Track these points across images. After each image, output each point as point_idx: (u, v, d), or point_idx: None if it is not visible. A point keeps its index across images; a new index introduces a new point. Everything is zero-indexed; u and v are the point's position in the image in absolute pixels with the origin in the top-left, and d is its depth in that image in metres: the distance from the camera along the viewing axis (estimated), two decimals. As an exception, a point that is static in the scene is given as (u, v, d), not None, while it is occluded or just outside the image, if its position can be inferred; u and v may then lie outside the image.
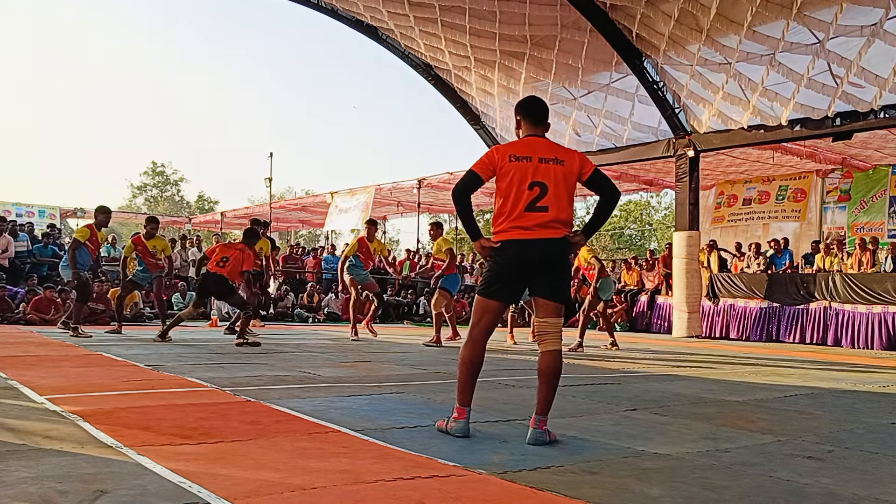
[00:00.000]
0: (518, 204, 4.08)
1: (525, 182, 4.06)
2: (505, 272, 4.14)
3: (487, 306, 4.21)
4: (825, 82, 13.44)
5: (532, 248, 4.07)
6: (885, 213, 18.75)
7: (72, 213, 27.97)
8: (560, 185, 4.10)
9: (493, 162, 4.16)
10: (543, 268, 4.10)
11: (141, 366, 7.09)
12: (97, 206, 11.42)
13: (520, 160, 4.09)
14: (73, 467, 3.18)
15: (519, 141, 4.26)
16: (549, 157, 4.12)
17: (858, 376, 8.32)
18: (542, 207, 4.06)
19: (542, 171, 4.07)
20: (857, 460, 3.90)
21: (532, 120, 4.28)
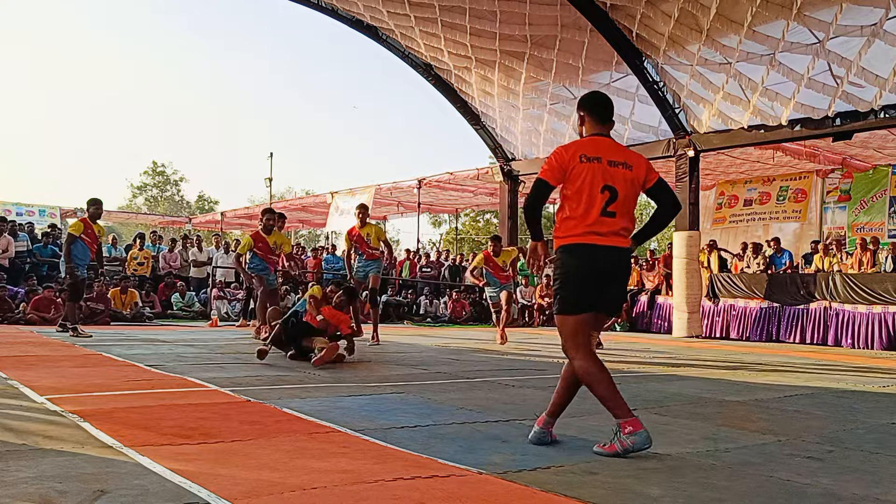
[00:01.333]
0: (592, 207, 3.85)
1: (597, 185, 3.85)
2: (581, 277, 3.88)
3: (579, 322, 3.92)
4: (825, 82, 13.43)
5: (606, 255, 3.86)
6: (886, 213, 18.75)
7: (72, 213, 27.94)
8: (629, 191, 3.91)
9: (563, 164, 3.90)
10: (612, 279, 3.92)
11: (141, 366, 7.10)
12: (88, 199, 11.11)
13: (591, 161, 3.87)
14: (73, 467, 3.19)
15: (586, 140, 4.01)
16: (618, 160, 3.92)
17: (858, 376, 8.32)
18: (611, 213, 3.86)
19: (612, 175, 3.87)
20: (857, 460, 3.90)
21: (598, 117, 4.08)
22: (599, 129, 4.05)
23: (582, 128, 4.13)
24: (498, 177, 20.48)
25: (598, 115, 4.07)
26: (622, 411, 3.80)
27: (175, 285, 17.42)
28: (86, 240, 10.83)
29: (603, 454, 3.79)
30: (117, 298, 15.02)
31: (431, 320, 18.49)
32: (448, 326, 17.47)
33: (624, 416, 3.78)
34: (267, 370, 7.15)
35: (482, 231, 43.95)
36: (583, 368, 3.91)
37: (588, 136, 4.04)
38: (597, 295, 3.89)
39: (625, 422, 3.76)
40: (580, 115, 4.14)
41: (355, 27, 18.24)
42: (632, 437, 3.72)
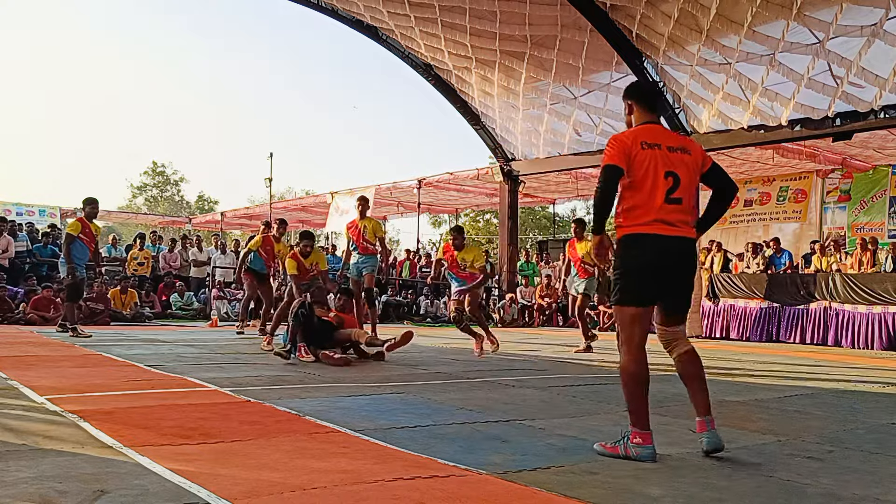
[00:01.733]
0: (655, 194, 3.75)
1: (660, 171, 3.76)
2: (646, 269, 3.79)
3: (636, 314, 3.84)
4: (825, 82, 13.43)
5: (676, 246, 3.79)
6: (886, 214, 18.76)
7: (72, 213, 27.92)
8: (692, 176, 3.86)
9: (626, 149, 3.78)
10: (679, 271, 3.85)
11: (141, 366, 7.10)
12: (84, 198, 11.08)
13: (651, 147, 3.79)
14: (73, 467, 3.19)
15: (642, 128, 3.91)
16: (675, 145, 3.86)
17: (858, 376, 8.32)
18: (677, 199, 3.77)
19: (673, 161, 3.80)
20: (857, 460, 3.90)
21: (647, 106, 3.99)
22: (649, 117, 3.97)
23: (630, 117, 4.04)
24: (498, 177, 20.48)
25: (647, 103, 4.00)
26: (640, 422, 3.77)
27: (174, 285, 17.41)
28: (84, 239, 10.83)
29: (603, 453, 3.79)
30: (117, 298, 15.02)
31: (431, 320, 18.49)
32: (448, 327, 17.45)
33: (639, 427, 3.77)
34: (267, 370, 7.15)
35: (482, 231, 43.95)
36: (624, 365, 3.88)
37: (641, 125, 3.95)
38: (659, 288, 3.82)
39: (638, 432, 3.76)
40: (628, 104, 4.05)
41: (355, 27, 18.24)
42: (638, 448, 3.73)
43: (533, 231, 43.16)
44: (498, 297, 20.08)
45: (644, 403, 3.81)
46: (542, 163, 19.43)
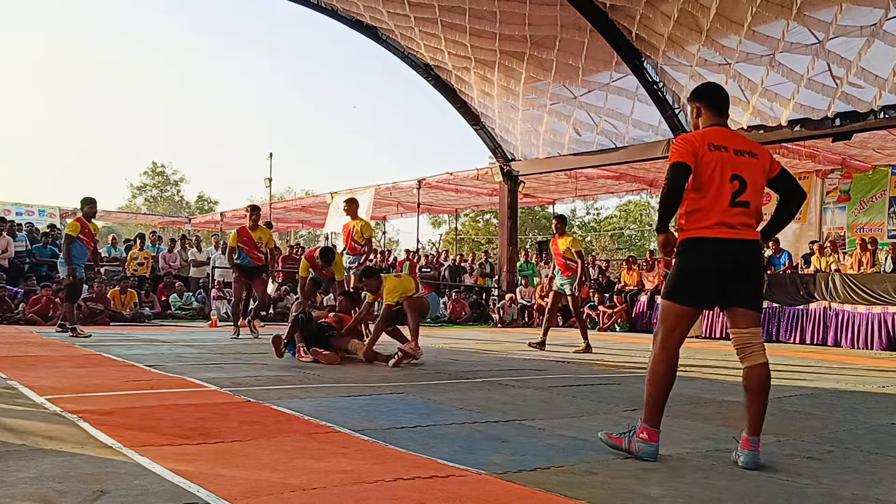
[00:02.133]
0: (721, 198, 3.71)
1: (726, 174, 3.72)
2: (704, 272, 3.75)
3: (682, 313, 3.81)
4: (825, 83, 13.43)
5: (737, 249, 3.73)
6: (885, 214, 18.77)
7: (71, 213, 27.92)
8: (757, 180, 3.79)
9: (693, 149, 3.74)
10: (746, 273, 3.77)
11: (141, 366, 7.09)
12: (82, 198, 11.12)
13: (719, 149, 3.75)
14: (73, 467, 3.18)
15: (710, 129, 3.87)
16: (743, 149, 3.81)
17: (858, 376, 8.32)
18: (743, 203, 3.73)
19: (740, 164, 3.75)
20: (856, 461, 3.91)
21: (716, 109, 3.94)
22: (717, 119, 3.93)
23: (698, 119, 3.99)
24: (497, 177, 20.48)
25: (715, 106, 3.95)
26: (652, 418, 3.78)
27: (174, 286, 17.41)
28: (83, 239, 10.85)
29: (607, 441, 3.85)
30: (117, 299, 15.02)
31: (431, 321, 18.48)
32: (448, 326, 17.47)
33: (649, 423, 3.77)
34: (266, 370, 7.15)
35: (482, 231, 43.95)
36: (655, 360, 3.84)
37: (709, 127, 3.90)
38: (717, 292, 3.77)
39: (645, 427, 3.77)
40: (695, 106, 4.00)
41: (355, 27, 18.24)
42: (642, 444, 3.75)
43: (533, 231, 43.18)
44: (497, 297, 20.08)
45: (662, 402, 3.81)
46: (542, 163, 19.43)
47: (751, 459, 3.66)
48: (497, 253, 22.33)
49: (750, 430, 3.73)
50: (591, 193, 24.89)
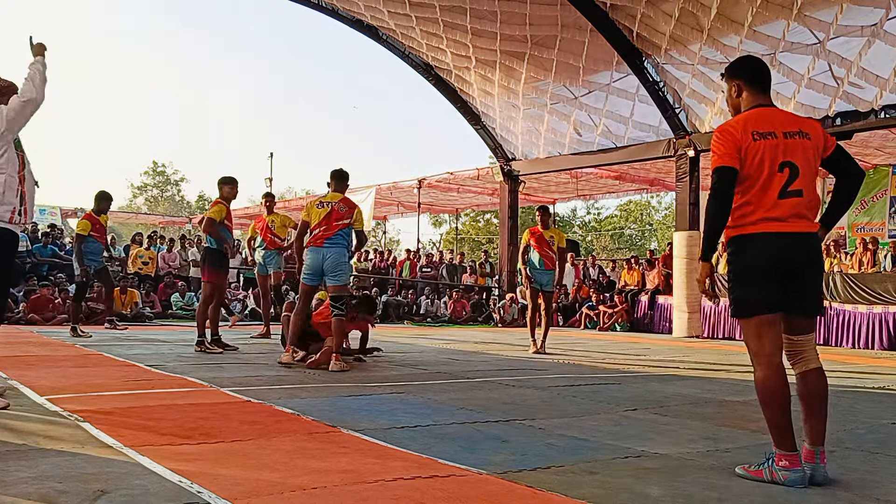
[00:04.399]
0: (769, 190, 3.35)
1: (775, 163, 3.35)
2: (762, 275, 3.38)
3: (763, 323, 3.41)
4: (826, 82, 13.44)
5: (791, 243, 3.36)
6: (886, 214, 18.76)
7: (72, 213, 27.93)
8: (811, 164, 3.41)
9: (736, 143, 3.38)
10: (805, 271, 3.41)
11: (141, 366, 7.10)
12: (98, 192, 11.19)
13: (765, 137, 3.37)
14: (74, 467, 3.19)
15: (753, 113, 3.47)
16: (793, 129, 3.41)
17: (858, 376, 8.32)
18: (795, 192, 3.35)
19: (791, 148, 3.37)
20: (857, 461, 3.91)
21: (760, 87, 3.53)
22: (762, 99, 3.53)
23: (739, 100, 3.58)
24: (498, 177, 20.48)
25: (758, 83, 3.54)
26: (784, 443, 3.37)
27: (175, 285, 17.40)
28: (95, 235, 10.88)
29: (746, 476, 3.42)
30: (117, 298, 14.99)
31: (431, 320, 18.49)
32: (448, 326, 17.47)
33: (783, 448, 3.36)
34: (267, 370, 7.15)
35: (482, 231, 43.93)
36: (760, 381, 3.45)
37: (752, 109, 3.50)
38: (782, 292, 3.38)
39: (783, 454, 3.36)
40: (734, 84, 3.59)
41: (355, 27, 18.24)
42: (785, 472, 3.33)
43: (533, 231, 43.05)
44: (498, 296, 20.08)
45: (785, 422, 3.38)
46: (543, 163, 19.42)
47: (820, 474, 3.38)
48: (497, 253, 22.33)
49: (813, 440, 3.45)
50: (592, 193, 24.90)
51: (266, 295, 11.75)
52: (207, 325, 8.99)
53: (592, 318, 17.88)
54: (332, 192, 7.93)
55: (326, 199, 7.83)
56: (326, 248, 7.62)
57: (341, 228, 7.69)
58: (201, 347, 8.76)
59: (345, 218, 7.68)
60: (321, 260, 7.62)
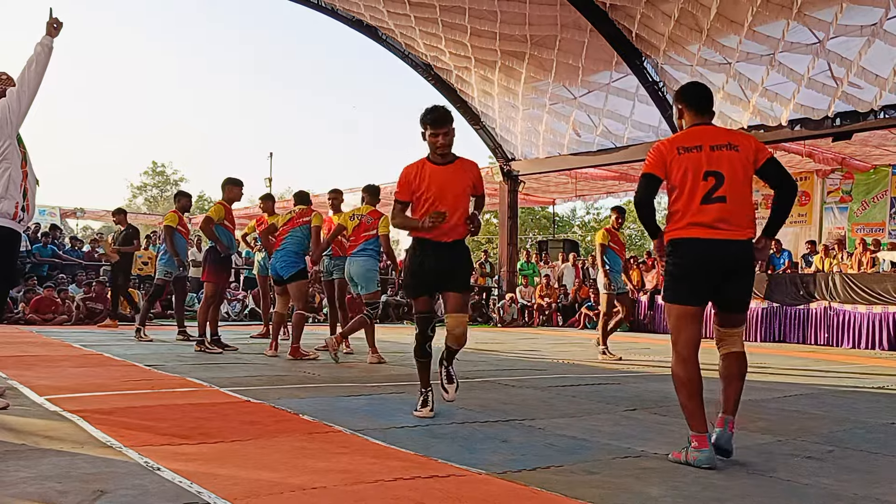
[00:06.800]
0: (694, 197, 3.74)
1: (699, 173, 3.73)
2: (687, 273, 3.79)
3: (681, 314, 3.85)
4: (825, 82, 13.44)
5: (717, 249, 3.73)
6: (887, 214, 18.76)
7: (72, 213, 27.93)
8: (738, 173, 3.74)
9: (662, 156, 3.84)
10: (732, 273, 3.78)
11: (140, 366, 7.10)
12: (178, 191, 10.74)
13: (689, 151, 3.78)
14: (73, 467, 3.19)
15: (685, 132, 3.92)
16: (721, 143, 3.78)
17: (858, 376, 8.32)
18: (718, 198, 3.71)
19: (716, 159, 3.74)
20: (856, 460, 3.91)
21: (696, 109, 3.94)
22: (699, 119, 3.93)
23: (681, 121, 4.03)
24: (497, 177, 20.47)
25: (695, 106, 3.94)
26: (694, 424, 3.72)
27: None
28: (182, 231, 10.60)
29: (674, 460, 3.73)
30: (116, 298, 14.98)
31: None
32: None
33: (694, 430, 3.71)
34: (267, 370, 7.15)
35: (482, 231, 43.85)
36: (673, 369, 3.87)
37: (689, 128, 3.93)
38: (703, 291, 3.81)
39: (693, 435, 3.70)
40: (678, 108, 4.02)
41: (355, 27, 18.23)
42: (695, 452, 3.65)
43: (533, 231, 43.14)
44: (498, 296, 20.08)
45: (694, 406, 3.75)
46: (542, 163, 19.42)
47: (723, 437, 3.74)
48: (497, 252, 22.32)
49: (725, 409, 3.85)
50: (591, 193, 24.88)
51: (266, 295, 11.64)
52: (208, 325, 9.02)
53: (592, 318, 17.86)
54: (365, 204, 8.61)
55: (358, 211, 8.50)
56: (353, 257, 8.20)
57: (368, 239, 8.20)
58: (201, 347, 8.79)
59: (371, 228, 8.21)
60: (349, 269, 8.24)
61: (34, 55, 4.82)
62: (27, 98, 4.76)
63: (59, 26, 5.00)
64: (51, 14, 4.99)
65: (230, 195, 9.29)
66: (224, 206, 9.16)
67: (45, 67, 4.86)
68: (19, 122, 4.76)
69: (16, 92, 4.72)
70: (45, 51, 4.86)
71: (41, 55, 4.83)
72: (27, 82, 4.75)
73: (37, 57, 4.81)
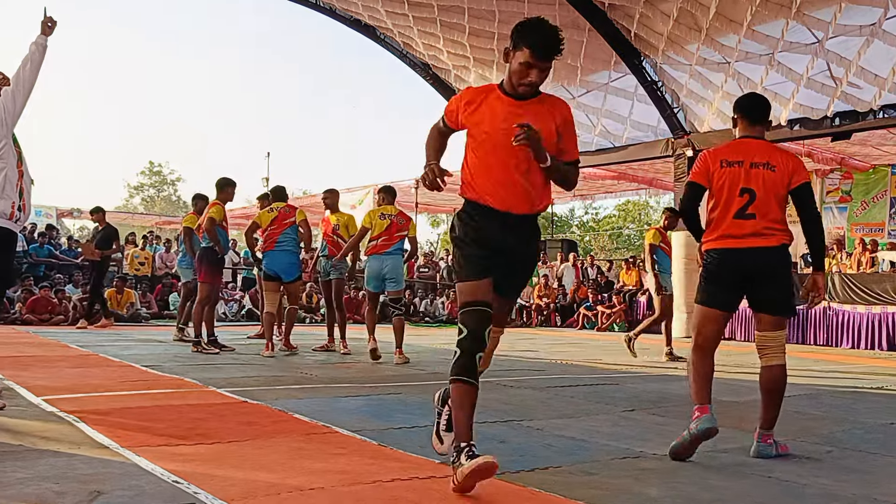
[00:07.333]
0: (728, 211, 3.95)
1: (736, 188, 3.93)
2: (716, 280, 4.03)
3: (705, 314, 4.12)
4: (824, 82, 13.45)
5: (744, 257, 3.93)
6: (886, 214, 18.78)
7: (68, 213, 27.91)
8: (768, 192, 3.91)
9: (707, 167, 4.04)
10: (761, 278, 3.96)
11: (137, 366, 7.08)
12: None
13: (731, 165, 3.96)
14: (70, 468, 3.17)
15: (732, 143, 4.10)
16: (760, 161, 3.94)
17: (858, 376, 8.32)
18: (749, 215, 3.91)
19: (752, 177, 3.91)
20: (855, 461, 3.90)
21: (748, 119, 4.09)
22: (749, 131, 4.08)
23: (735, 130, 4.17)
24: (496, 176, 20.44)
25: (748, 117, 4.09)
26: (697, 397, 3.96)
27: (174, 285, 17.36)
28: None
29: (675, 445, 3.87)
30: (113, 298, 14.96)
31: (430, 319, 18.48)
32: (446, 326, 17.46)
33: (696, 402, 3.94)
34: (264, 370, 7.14)
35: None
36: (690, 354, 4.13)
37: (736, 140, 4.11)
38: (733, 297, 4.05)
39: (696, 407, 3.92)
40: (734, 117, 4.16)
41: (353, 27, 18.25)
42: (695, 422, 3.82)
43: (530, 230, 43.02)
44: (496, 296, 20.03)
45: (700, 386, 3.99)
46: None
47: (756, 449, 3.95)
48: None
49: (762, 425, 4.02)
50: (590, 193, 24.87)
51: None
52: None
53: (590, 318, 17.88)
54: (388, 205, 8.69)
55: (387, 211, 8.55)
56: (386, 256, 8.36)
57: (400, 239, 8.50)
58: (198, 348, 8.77)
59: (403, 230, 8.49)
60: (382, 267, 8.36)
61: (29, 54, 4.80)
62: (22, 97, 4.74)
63: (53, 25, 4.99)
64: (45, 13, 4.98)
65: (227, 195, 9.27)
66: (222, 206, 9.14)
67: (40, 66, 4.84)
68: (14, 121, 4.74)
69: (11, 91, 4.70)
70: (39, 50, 4.84)
71: (35, 54, 4.81)
72: (22, 81, 4.74)
73: (31, 56, 4.80)
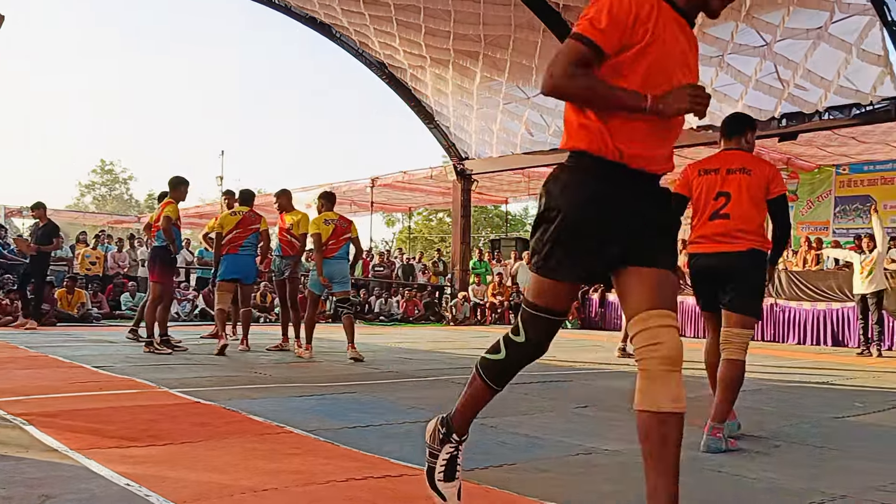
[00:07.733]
0: (705, 214, 4.27)
1: (712, 193, 4.25)
2: (697, 281, 4.41)
3: (704, 315, 4.58)
4: (772, 84, 13.69)
5: (711, 259, 4.25)
6: (831, 213, 19.23)
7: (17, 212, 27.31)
8: (744, 194, 4.19)
9: (687, 178, 4.40)
10: (725, 280, 4.23)
11: (88, 367, 6.96)
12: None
13: (708, 173, 4.30)
14: (18, 472, 3.12)
15: (712, 155, 4.46)
16: (736, 167, 4.25)
17: (804, 372, 8.50)
18: (723, 215, 4.20)
19: (729, 181, 4.22)
20: (802, 455, 3.99)
21: (725, 135, 4.46)
22: (727, 144, 4.43)
23: (719, 144, 4.54)
24: (451, 176, 20.51)
25: (724, 134, 4.46)
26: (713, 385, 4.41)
27: (125, 285, 17.11)
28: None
29: None
30: (63, 299, 14.70)
31: (385, 318, 18.45)
32: (400, 325, 17.45)
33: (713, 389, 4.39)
34: (217, 371, 7.07)
35: (435, 230, 43.93)
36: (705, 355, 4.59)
37: (718, 152, 4.44)
38: (708, 296, 4.40)
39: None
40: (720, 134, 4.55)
41: (309, 24, 18.10)
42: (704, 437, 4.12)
43: (485, 229, 43.27)
44: (450, 295, 20.11)
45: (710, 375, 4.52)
46: (495, 162, 19.49)
47: (707, 443, 4.06)
48: (450, 251, 22.35)
49: (713, 417, 4.14)
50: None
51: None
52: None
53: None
54: (328, 211, 8.87)
55: (329, 217, 8.79)
56: (335, 259, 8.69)
57: (346, 242, 8.82)
58: (150, 348, 8.66)
59: (347, 233, 8.80)
60: (332, 270, 8.64)
61: None
62: None
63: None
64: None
65: (180, 194, 9.16)
66: (177, 206, 9.03)
67: None
68: None
69: None
70: None
71: None
72: None
73: None
